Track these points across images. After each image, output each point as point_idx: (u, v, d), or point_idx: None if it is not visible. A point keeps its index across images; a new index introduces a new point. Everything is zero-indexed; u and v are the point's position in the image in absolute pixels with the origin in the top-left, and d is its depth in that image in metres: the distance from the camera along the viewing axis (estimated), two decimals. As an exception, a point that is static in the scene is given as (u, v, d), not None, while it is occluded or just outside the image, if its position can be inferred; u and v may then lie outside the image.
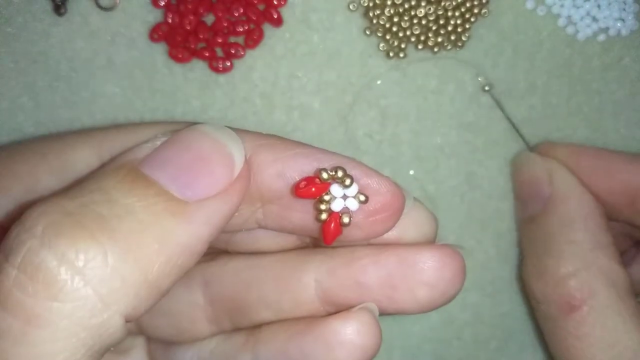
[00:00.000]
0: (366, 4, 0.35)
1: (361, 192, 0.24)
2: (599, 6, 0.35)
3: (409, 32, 0.35)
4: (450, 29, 0.35)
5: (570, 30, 0.36)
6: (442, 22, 0.35)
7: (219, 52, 0.35)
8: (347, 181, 0.24)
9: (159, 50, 0.35)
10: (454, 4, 0.35)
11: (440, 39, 0.35)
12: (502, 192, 0.37)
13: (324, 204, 0.24)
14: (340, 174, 0.24)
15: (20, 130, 0.35)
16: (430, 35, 0.35)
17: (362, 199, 0.24)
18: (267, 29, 0.35)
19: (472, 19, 0.35)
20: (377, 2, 0.35)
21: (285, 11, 0.35)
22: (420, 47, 0.35)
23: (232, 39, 0.35)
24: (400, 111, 0.36)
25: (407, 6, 0.35)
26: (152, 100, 0.35)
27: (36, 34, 0.34)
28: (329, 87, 0.36)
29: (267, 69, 0.36)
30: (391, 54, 0.35)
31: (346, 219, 0.24)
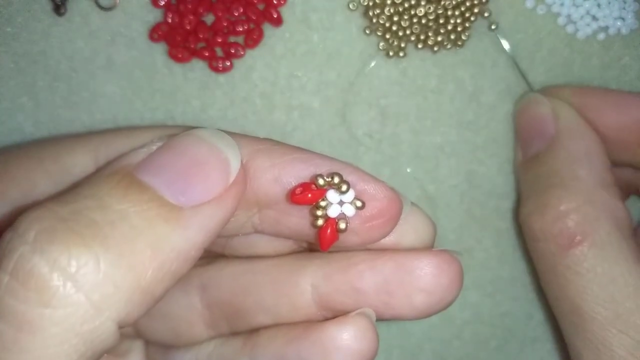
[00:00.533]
0: (366, 3, 0.35)
1: (358, 198, 0.24)
2: (599, 5, 0.35)
3: (408, 32, 0.35)
4: (450, 28, 0.35)
5: (570, 29, 0.36)
6: (441, 21, 0.35)
7: (219, 51, 0.35)
8: (344, 187, 0.23)
9: (159, 50, 0.35)
10: (454, 3, 0.35)
11: (440, 38, 0.35)
12: (502, 192, 0.37)
13: (320, 210, 0.24)
14: (336, 180, 0.23)
15: (20, 130, 0.35)
16: (430, 34, 0.35)
17: (359, 204, 0.24)
18: (267, 28, 0.35)
19: (472, 18, 0.35)
20: (377, 1, 0.35)
21: (285, 11, 0.35)
22: (420, 46, 0.35)
23: (232, 39, 0.35)
24: (400, 110, 0.36)
25: (406, 5, 0.35)
26: (152, 100, 0.35)
27: (36, 34, 0.34)
28: (328, 87, 0.36)
29: (267, 69, 0.36)
30: (391, 53, 0.35)
31: (342, 225, 0.24)
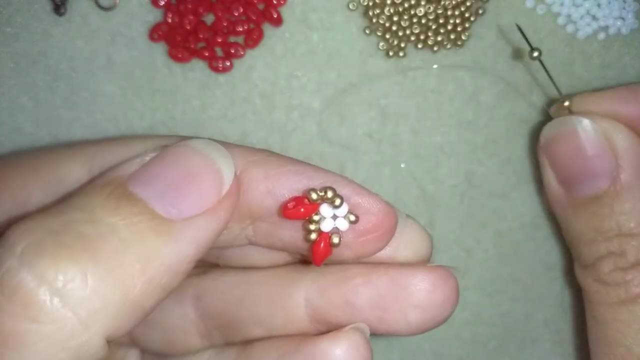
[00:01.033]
0: (366, 3, 0.35)
1: (351, 212, 0.23)
2: (599, 5, 0.35)
3: (408, 31, 0.35)
4: (450, 28, 0.35)
5: (570, 28, 0.36)
6: (441, 21, 0.35)
7: (219, 51, 0.35)
8: (337, 201, 0.23)
9: (159, 50, 0.35)
10: (454, 2, 0.35)
11: (440, 38, 0.35)
12: (502, 192, 0.37)
13: (314, 224, 0.24)
14: (329, 194, 0.23)
15: (20, 130, 0.35)
16: (430, 34, 0.35)
17: (353, 219, 0.23)
18: (267, 28, 0.35)
19: (472, 18, 0.35)
20: (377, 1, 0.35)
21: (284, 11, 0.35)
22: (420, 46, 0.35)
23: (232, 39, 0.35)
24: (400, 110, 0.36)
25: (406, 5, 0.35)
26: (152, 100, 0.35)
27: (36, 34, 0.35)
28: (328, 87, 0.36)
29: (267, 69, 0.35)
30: (391, 53, 0.35)
31: (336, 239, 0.24)
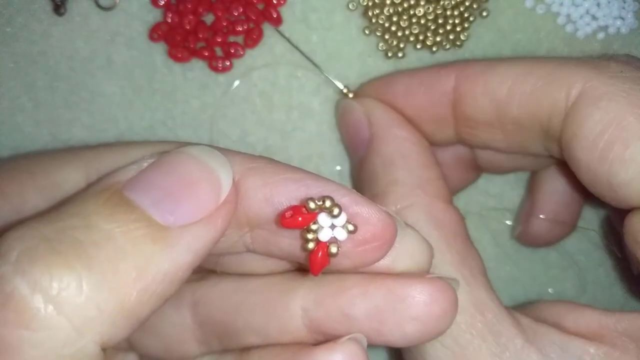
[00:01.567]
0: (365, 4, 0.35)
1: (350, 222, 0.23)
2: (599, 4, 0.35)
3: (407, 32, 0.35)
4: (449, 28, 0.35)
5: (569, 28, 0.36)
6: (440, 21, 0.35)
7: (219, 51, 0.35)
8: (335, 211, 0.23)
9: (159, 49, 0.35)
10: (453, 3, 0.35)
11: (439, 39, 0.35)
12: (502, 191, 0.37)
13: (311, 233, 0.23)
14: (328, 203, 0.23)
15: (20, 130, 0.35)
16: (429, 34, 0.35)
17: (351, 228, 0.23)
18: (267, 28, 0.35)
19: (471, 18, 0.35)
20: (376, 1, 0.35)
21: (284, 10, 0.35)
22: (419, 46, 0.35)
23: (232, 39, 0.35)
24: (399, 110, 0.36)
25: (406, 5, 0.35)
26: (152, 99, 0.35)
27: (36, 34, 0.35)
28: (328, 87, 0.36)
29: (267, 69, 0.36)
30: (390, 54, 0.35)
31: (334, 249, 0.23)
